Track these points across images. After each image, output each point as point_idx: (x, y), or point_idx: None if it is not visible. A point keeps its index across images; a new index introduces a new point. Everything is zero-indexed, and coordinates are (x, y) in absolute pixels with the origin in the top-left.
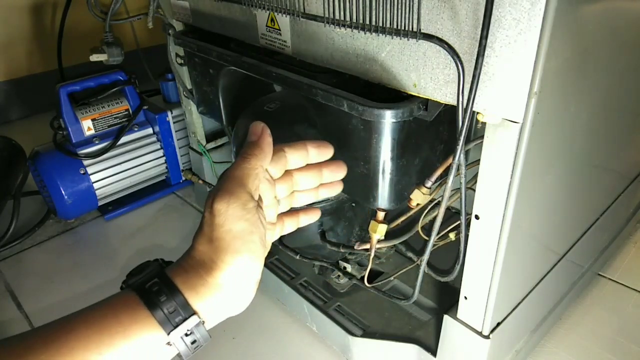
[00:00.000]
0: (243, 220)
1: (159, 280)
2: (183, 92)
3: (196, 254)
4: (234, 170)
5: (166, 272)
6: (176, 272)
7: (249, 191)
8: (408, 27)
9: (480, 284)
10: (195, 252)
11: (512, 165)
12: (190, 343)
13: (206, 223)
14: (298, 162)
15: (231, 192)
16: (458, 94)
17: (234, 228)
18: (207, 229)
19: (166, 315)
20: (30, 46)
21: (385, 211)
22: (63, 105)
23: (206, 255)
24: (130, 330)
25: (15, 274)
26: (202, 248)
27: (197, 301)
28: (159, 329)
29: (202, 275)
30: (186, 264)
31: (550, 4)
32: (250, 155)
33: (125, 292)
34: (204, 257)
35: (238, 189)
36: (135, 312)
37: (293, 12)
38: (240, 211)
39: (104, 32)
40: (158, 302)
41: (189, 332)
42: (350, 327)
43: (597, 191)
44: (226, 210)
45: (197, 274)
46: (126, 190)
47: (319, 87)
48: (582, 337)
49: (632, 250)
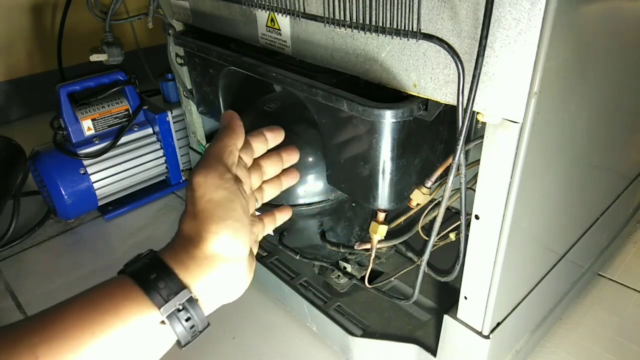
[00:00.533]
0: (222, 188)
1: (150, 262)
2: (183, 92)
3: (182, 233)
4: (209, 148)
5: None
6: (166, 252)
7: (225, 164)
8: (408, 27)
9: (480, 284)
10: (182, 231)
11: (512, 165)
12: (185, 321)
13: (189, 201)
14: (261, 148)
15: (208, 165)
16: (458, 94)
17: (215, 197)
18: (190, 207)
19: (158, 291)
20: (30, 46)
21: (385, 212)
22: (63, 105)
23: (192, 230)
24: (122, 309)
25: (15, 274)
26: (188, 225)
27: (188, 277)
28: (151, 307)
29: (189, 250)
30: (175, 243)
31: (550, 4)
32: (223, 135)
33: (119, 275)
34: (190, 233)
35: (214, 162)
36: (127, 291)
37: (293, 12)
38: (219, 180)
39: (104, 32)
40: (149, 280)
41: (181, 307)
42: (350, 327)
43: (597, 191)
44: (204, 182)
45: (185, 250)
46: (126, 190)
47: (319, 87)
48: (582, 337)
49: (632, 250)
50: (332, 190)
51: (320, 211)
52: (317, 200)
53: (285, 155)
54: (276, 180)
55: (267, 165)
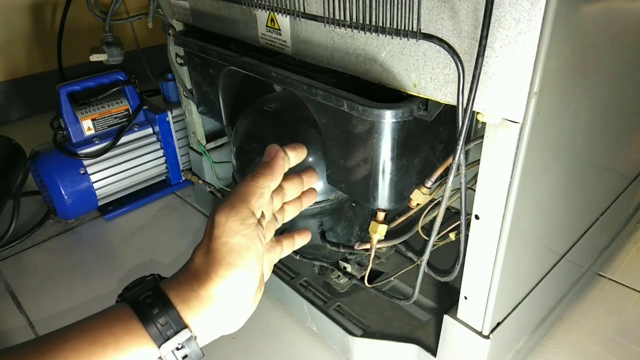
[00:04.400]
0: (240, 234)
1: (153, 293)
2: (183, 92)
3: (192, 266)
4: (241, 186)
5: (160, 286)
6: (170, 285)
7: (251, 208)
8: (408, 27)
9: (480, 284)
10: (191, 264)
11: (512, 165)
12: (181, 358)
13: (206, 234)
14: (294, 191)
15: (233, 206)
16: (458, 94)
17: (231, 241)
18: (206, 240)
19: (158, 328)
20: (30, 46)
21: (385, 212)
22: (63, 105)
23: (201, 267)
24: (122, 342)
25: (15, 274)
26: (199, 260)
27: (190, 315)
28: (150, 342)
29: (195, 288)
30: (181, 276)
31: (550, 4)
32: (260, 174)
33: (120, 304)
34: (199, 269)
35: (240, 204)
36: (128, 324)
37: (293, 12)
38: (239, 225)
39: (104, 32)
40: (150, 315)
41: (180, 346)
42: (350, 327)
43: (597, 191)
44: (225, 223)
45: (190, 287)
46: (126, 190)
47: (319, 87)
48: (582, 337)
49: (632, 250)
50: (332, 190)
51: (320, 211)
52: (317, 200)
53: (306, 177)
54: (297, 200)
55: (289, 187)
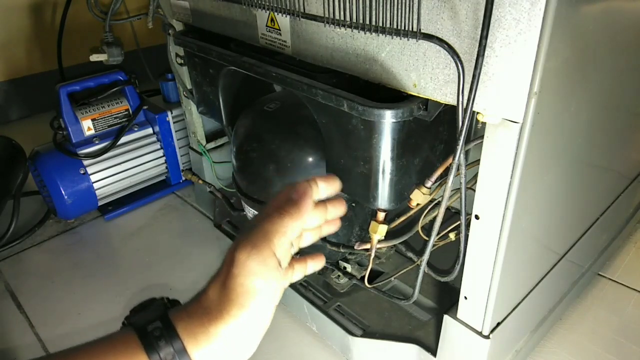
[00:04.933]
0: (259, 277)
1: (161, 324)
2: (183, 92)
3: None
4: (266, 222)
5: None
6: (179, 316)
7: (273, 248)
8: (408, 27)
9: (480, 284)
10: (204, 298)
11: (512, 165)
12: None
13: (224, 267)
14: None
15: (254, 244)
16: (458, 94)
17: (247, 283)
18: (223, 275)
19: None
20: (30, 46)
21: (385, 212)
22: (63, 105)
23: (214, 303)
24: None
25: (15, 274)
26: (212, 294)
27: (196, 349)
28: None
29: (204, 323)
30: (192, 308)
31: (550, 4)
32: (287, 213)
33: (127, 330)
34: (211, 305)
35: (263, 244)
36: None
37: (293, 12)
38: (259, 266)
39: (104, 32)
40: (156, 347)
41: None
42: (350, 327)
43: (597, 191)
44: (245, 262)
45: (200, 322)
46: (126, 190)
47: (319, 87)
48: (582, 337)
49: (632, 250)
50: None
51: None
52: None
53: (332, 207)
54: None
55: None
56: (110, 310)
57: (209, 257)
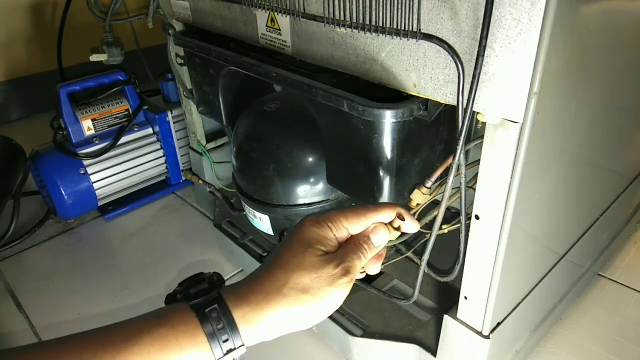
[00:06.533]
0: (324, 292)
1: (219, 309)
2: (183, 92)
3: (264, 280)
4: (347, 260)
5: (226, 301)
6: (235, 298)
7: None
8: (408, 27)
9: (480, 284)
10: (266, 281)
11: (512, 165)
12: None
13: (296, 262)
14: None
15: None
16: (458, 94)
17: (317, 293)
18: (290, 270)
19: (219, 344)
20: (30, 46)
21: None
22: (63, 105)
23: (273, 291)
24: (187, 354)
25: (15, 274)
26: (275, 281)
27: (249, 332)
28: (209, 355)
29: (259, 310)
30: (249, 291)
31: (550, 4)
32: (364, 257)
33: (184, 311)
34: (270, 290)
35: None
36: (194, 338)
37: (293, 12)
38: (328, 285)
39: (104, 32)
40: (215, 330)
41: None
42: (350, 327)
43: (597, 191)
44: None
45: (254, 309)
46: (126, 190)
47: (319, 87)
48: (582, 337)
49: (632, 250)
50: (332, 190)
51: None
52: (317, 200)
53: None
54: None
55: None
56: (110, 310)
57: (209, 257)
